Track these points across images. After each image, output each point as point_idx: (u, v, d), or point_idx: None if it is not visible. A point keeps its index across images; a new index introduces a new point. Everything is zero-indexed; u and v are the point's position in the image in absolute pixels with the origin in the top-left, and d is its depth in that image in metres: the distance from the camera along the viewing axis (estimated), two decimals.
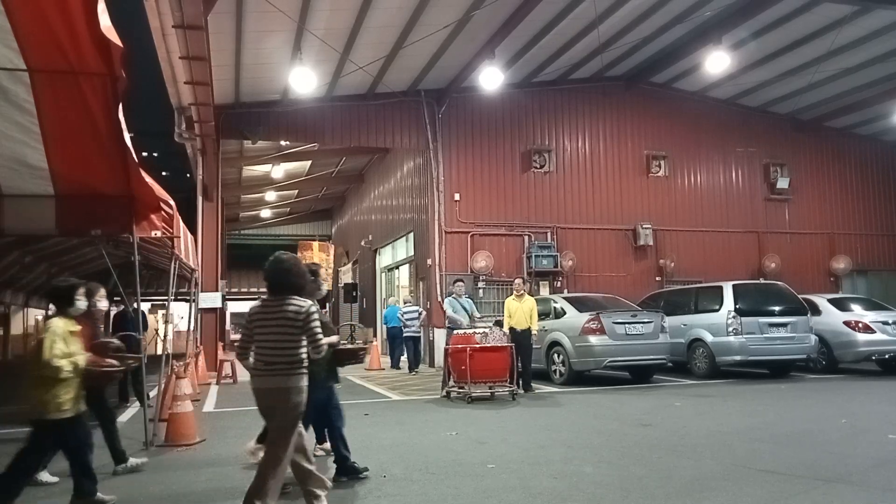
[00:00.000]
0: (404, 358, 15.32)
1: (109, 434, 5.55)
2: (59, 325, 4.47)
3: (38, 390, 4.38)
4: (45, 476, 5.16)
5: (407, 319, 14.89)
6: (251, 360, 4.03)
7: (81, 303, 4.75)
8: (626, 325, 11.15)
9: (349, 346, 6.04)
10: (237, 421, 8.16)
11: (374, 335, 18.83)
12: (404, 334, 14.97)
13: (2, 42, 3.86)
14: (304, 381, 3.95)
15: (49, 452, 4.64)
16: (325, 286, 5.63)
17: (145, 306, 14.07)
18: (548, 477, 5.08)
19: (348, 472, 5.11)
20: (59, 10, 3.57)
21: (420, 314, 15.03)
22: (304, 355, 3.98)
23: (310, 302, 4.12)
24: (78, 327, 4.67)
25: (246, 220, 29.84)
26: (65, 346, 4.40)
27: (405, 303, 15.54)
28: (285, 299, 3.99)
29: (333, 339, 5.19)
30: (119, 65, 3.96)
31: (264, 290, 4.16)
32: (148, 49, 10.41)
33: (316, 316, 4.04)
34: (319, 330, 4.04)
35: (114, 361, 5.05)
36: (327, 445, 5.62)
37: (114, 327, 10.83)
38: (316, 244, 18.18)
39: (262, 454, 5.40)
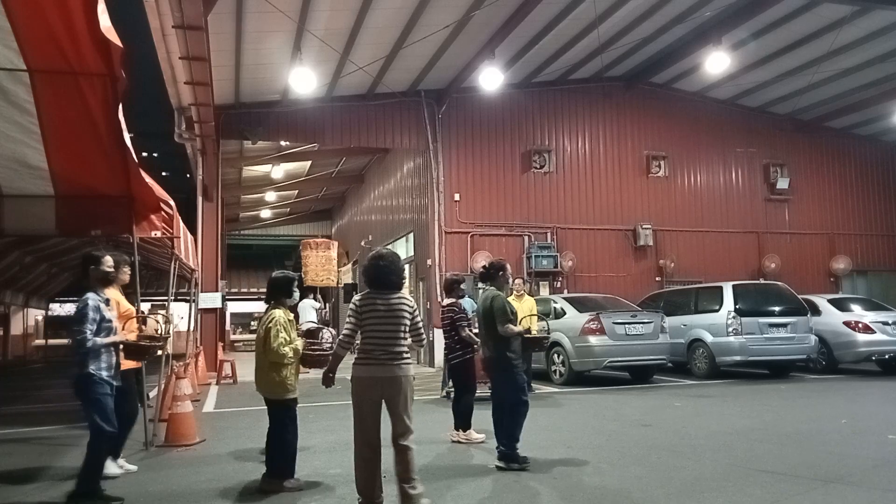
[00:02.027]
0: None
1: None
2: (281, 315, 4.95)
3: (268, 374, 4.89)
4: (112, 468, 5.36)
5: None
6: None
7: (296, 294, 5.26)
8: (626, 326, 11.15)
9: (535, 335, 6.59)
10: (237, 421, 8.16)
11: None
12: None
13: (2, 42, 3.86)
14: (413, 371, 4.27)
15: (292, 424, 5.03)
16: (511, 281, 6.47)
17: (145, 306, 14.05)
18: (548, 477, 5.08)
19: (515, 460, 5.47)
20: (59, 11, 3.57)
21: None
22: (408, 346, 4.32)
23: (411, 298, 4.43)
24: (292, 316, 5.16)
25: (246, 220, 29.83)
26: (287, 334, 4.88)
27: None
28: (395, 294, 4.28)
29: (520, 328, 5.67)
30: (119, 65, 3.96)
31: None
32: (148, 49, 10.40)
33: (418, 311, 4.38)
34: (422, 325, 4.41)
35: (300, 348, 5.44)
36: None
37: None
38: (320, 241, 18.33)
39: (474, 436, 6.38)
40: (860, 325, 12.08)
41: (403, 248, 18.29)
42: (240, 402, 9.94)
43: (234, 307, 31.14)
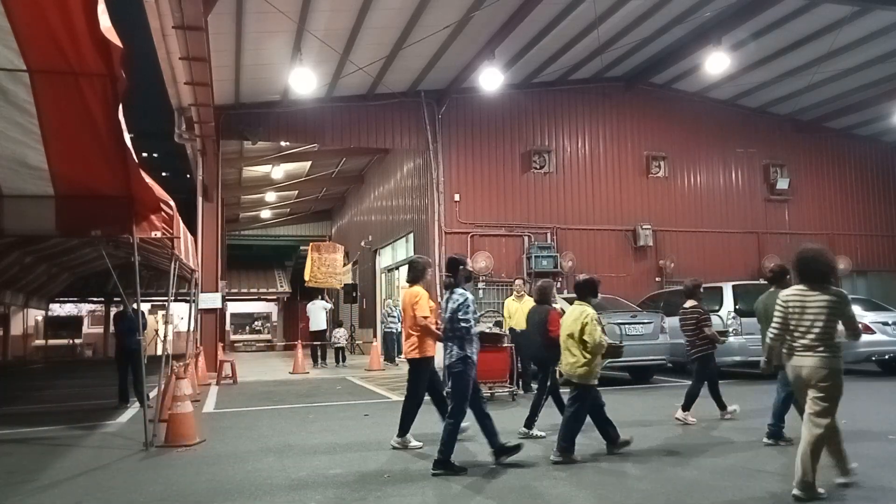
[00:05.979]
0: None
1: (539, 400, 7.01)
2: (592, 312, 5.61)
3: (582, 363, 5.59)
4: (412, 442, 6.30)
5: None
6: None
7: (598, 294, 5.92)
8: (626, 326, 11.15)
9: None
10: (237, 421, 8.16)
11: (374, 336, 18.83)
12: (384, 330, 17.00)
13: (2, 43, 3.87)
14: (842, 363, 4.39)
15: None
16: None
17: (145, 307, 14.07)
18: (548, 477, 5.08)
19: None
20: (59, 11, 3.58)
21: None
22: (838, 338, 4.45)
23: (840, 294, 4.54)
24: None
25: (246, 220, 29.83)
26: (599, 328, 5.58)
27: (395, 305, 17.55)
28: (824, 287, 4.42)
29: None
30: (119, 65, 3.96)
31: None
32: (148, 49, 10.41)
33: (849, 305, 4.48)
34: (854, 318, 4.52)
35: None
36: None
37: (114, 327, 10.85)
38: (328, 244, 18.45)
39: (690, 419, 7.35)
40: (860, 326, 12.05)
41: (403, 249, 18.31)
42: (240, 403, 9.93)
43: (233, 307, 31.11)
